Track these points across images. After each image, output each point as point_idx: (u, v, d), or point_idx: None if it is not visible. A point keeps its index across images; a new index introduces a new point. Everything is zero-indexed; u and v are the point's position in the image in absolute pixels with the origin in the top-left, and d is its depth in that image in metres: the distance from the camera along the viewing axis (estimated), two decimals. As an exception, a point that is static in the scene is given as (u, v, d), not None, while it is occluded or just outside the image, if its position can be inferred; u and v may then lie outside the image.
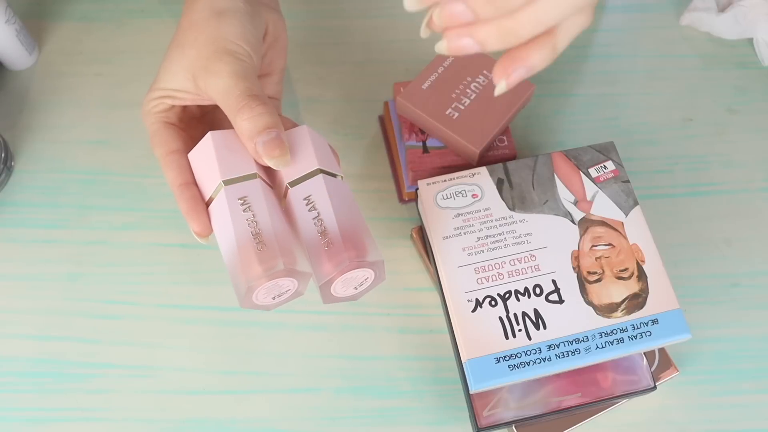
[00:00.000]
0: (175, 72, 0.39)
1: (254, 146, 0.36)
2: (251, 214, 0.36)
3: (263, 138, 0.36)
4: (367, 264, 0.36)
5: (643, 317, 0.42)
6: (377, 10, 0.62)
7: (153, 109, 0.40)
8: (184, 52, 0.39)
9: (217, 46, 0.38)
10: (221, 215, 0.37)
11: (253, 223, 0.36)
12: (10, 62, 0.57)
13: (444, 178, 0.46)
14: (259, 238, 0.35)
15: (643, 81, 0.59)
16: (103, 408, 0.47)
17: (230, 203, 0.36)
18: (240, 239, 0.35)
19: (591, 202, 0.45)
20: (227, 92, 0.37)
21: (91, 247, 0.51)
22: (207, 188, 0.38)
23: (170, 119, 0.41)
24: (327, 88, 0.58)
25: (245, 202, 0.36)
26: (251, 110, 0.36)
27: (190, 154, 0.39)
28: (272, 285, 0.35)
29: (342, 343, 0.49)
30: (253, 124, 0.36)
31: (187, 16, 0.40)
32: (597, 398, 0.44)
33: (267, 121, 0.36)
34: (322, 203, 0.37)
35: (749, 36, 0.59)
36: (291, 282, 0.36)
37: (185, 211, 0.38)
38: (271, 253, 0.35)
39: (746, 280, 0.51)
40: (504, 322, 0.42)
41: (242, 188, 0.37)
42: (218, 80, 0.37)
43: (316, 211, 0.37)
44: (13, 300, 0.50)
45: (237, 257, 0.35)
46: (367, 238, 0.37)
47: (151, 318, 0.49)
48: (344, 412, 0.47)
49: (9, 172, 0.54)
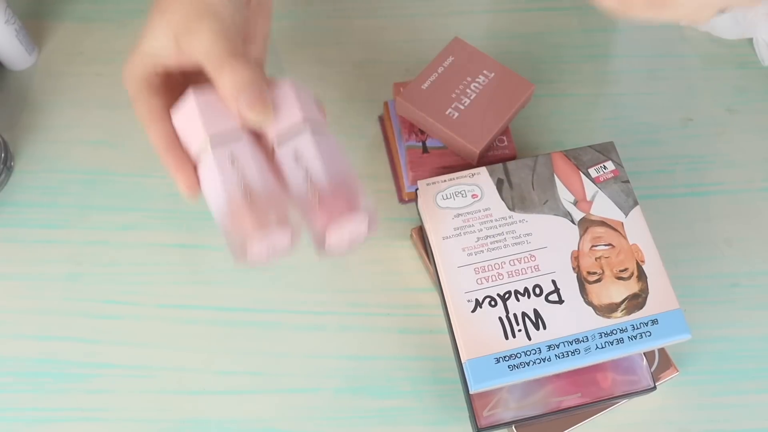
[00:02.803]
0: (157, 33, 0.39)
1: (236, 103, 0.36)
2: (240, 170, 0.36)
3: (245, 95, 0.36)
4: (358, 214, 0.36)
5: (643, 317, 0.42)
6: (377, 10, 0.62)
7: (135, 70, 0.40)
8: (166, 13, 0.38)
9: (198, 7, 0.38)
10: (209, 173, 0.37)
11: (241, 180, 0.36)
12: (10, 62, 0.57)
13: (444, 178, 0.46)
14: (249, 192, 0.35)
15: (643, 81, 0.59)
16: (103, 408, 0.47)
17: (218, 160, 0.36)
18: (230, 195, 0.35)
19: (591, 203, 0.45)
20: (209, 51, 0.37)
21: (91, 247, 0.51)
22: (193, 147, 0.38)
23: (153, 82, 0.40)
24: (327, 88, 0.58)
25: (234, 160, 0.36)
26: (232, 67, 0.36)
27: (173, 114, 0.39)
28: (264, 241, 0.35)
29: (342, 343, 0.49)
30: (234, 82, 0.36)
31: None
32: (597, 398, 0.44)
33: (248, 78, 0.36)
34: (309, 158, 0.37)
35: (749, 36, 0.59)
36: (284, 237, 0.36)
37: (172, 169, 0.38)
38: (262, 207, 0.35)
39: (746, 280, 0.51)
40: (504, 322, 0.42)
41: (230, 146, 0.37)
42: (200, 39, 0.37)
43: (304, 164, 0.37)
44: (13, 300, 0.50)
45: (228, 214, 0.35)
46: (357, 188, 0.37)
47: (151, 318, 0.49)
48: (344, 412, 0.47)
49: (9, 172, 0.54)
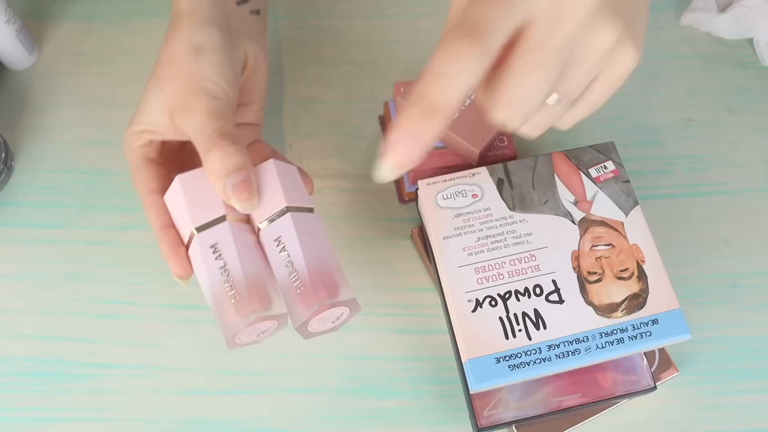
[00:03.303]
0: (153, 107, 0.40)
1: (223, 187, 0.37)
2: (222, 262, 0.36)
3: (232, 180, 0.36)
4: (338, 304, 0.37)
5: (643, 317, 0.42)
6: (377, 10, 0.62)
7: (134, 143, 0.41)
8: (162, 87, 0.39)
9: (194, 84, 0.38)
10: (196, 263, 0.38)
11: (225, 271, 0.36)
12: (10, 62, 0.57)
13: (444, 178, 0.46)
14: (232, 286, 0.36)
15: (643, 81, 0.59)
16: (103, 408, 0.47)
17: (202, 252, 0.37)
18: (214, 289, 0.36)
19: (591, 202, 0.45)
20: (200, 131, 0.37)
21: (91, 247, 0.51)
22: (183, 232, 0.39)
23: (150, 154, 0.41)
24: (327, 88, 0.58)
25: (216, 249, 0.37)
26: (222, 150, 0.36)
27: (165, 197, 0.40)
28: (252, 329, 0.36)
29: (342, 343, 0.49)
30: (222, 164, 0.36)
31: (166, 50, 0.40)
32: (597, 398, 0.44)
33: (236, 162, 0.36)
34: (291, 244, 0.37)
35: (749, 36, 0.59)
36: (270, 323, 0.37)
37: (165, 253, 0.38)
38: (244, 301, 0.35)
39: (746, 280, 0.51)
40: (504, 322, 0.42)
41: (212, 234, 0.37)
42: (193, 118, 0.38)
43: (286, 252, 0.37)
44: (13, 300, 0.50)
45: (214, 305, 0.36)
46: (338, 275, 0.37)
47: (151, 318, 0.49)
48: (344, 412, 0.47)
49: (9, 172, 0.54)
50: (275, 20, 0.61)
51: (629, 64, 0.32)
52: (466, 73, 0.28)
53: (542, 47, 0.29)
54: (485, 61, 0.28)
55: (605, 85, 0.33)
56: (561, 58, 0.30)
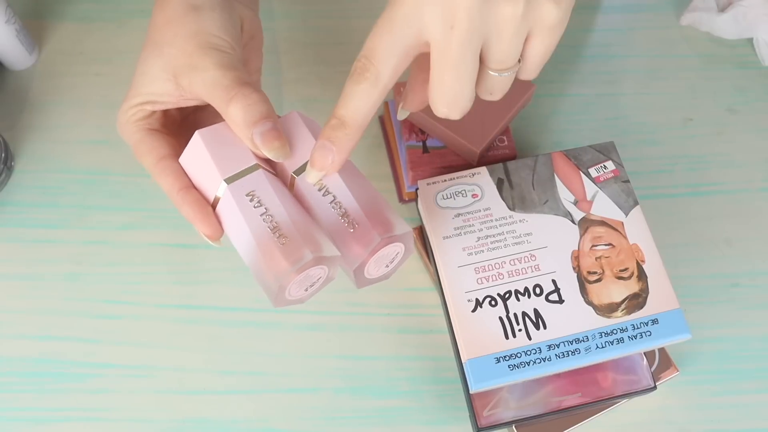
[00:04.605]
0: (153, 75, 0.37)
1: (251, 137, 0.34)
2: (263, 208, 0.34)
3: (260, 129, 0.34)
4: (397, 238, 0.35)
5: (643, 317, 0.42)
6: (377, 10, 0.61)
7: (132, 117, 0.38)
8: (163, 51, 0.37)
9: (198, 41, 0.36)
10: (232, 215, 0.35)
11: (267, 217, 0.34)
12: (10, 62, 0.57)
13: (444, 178, 0.46)
14: (278, 231, 0.33)
15: (643, 81, 0.59)
16: (103, 408, 0.47)
17: (238, 201, 0.34)
18: (258, 237, 0.33)
19: (591, 202, 0.45)
20: (215, 84, 0.35)
21: (91, 247, 0.51)
22: (209, 190, 0.36)
23: (153, 125, 0.39)
24: (327, 88, 0.58)
25: (254, 196, 0.34)
26: (245, 98, 0.34)
27: (181, 159, 0.37)
28: (303, 277, 0.33)
29: (342, 343, 0.49)
30: (248, 113, 0.34)
31: (160, 13, 0.38)
32: (597, 398, 0.44)
33: (262, 110, 0.35)
34: (335, 186, 0.35)
35: (749, 36, 0.59)
36: (321, 269, 0.34)
37: (191, 215, 0.36)
38: (295, 244, 0.33)
39: (746, 280, 0.51)
40: (504, 322, 0.42)
41: (247, 183, 0.35)
42: (204, 74, 0.35)
43: (331, 195, 0.35)
44: (13, 300, 0.50)
45: (259, 256, 0.33)
46: (389, 211, 0.35)
47: (151, 318, 0.49)
48: (344, 412, 0.47)
49: (9, 172, 0.54)
50: (275, 20, 0.61)
51: (553, 15, 0.31)
52: (365, 95, 0.33)
53: (446, 50, 0.31)
54: (378, 84, 0.32)
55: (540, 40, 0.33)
56: (469, 49, 0.31)
